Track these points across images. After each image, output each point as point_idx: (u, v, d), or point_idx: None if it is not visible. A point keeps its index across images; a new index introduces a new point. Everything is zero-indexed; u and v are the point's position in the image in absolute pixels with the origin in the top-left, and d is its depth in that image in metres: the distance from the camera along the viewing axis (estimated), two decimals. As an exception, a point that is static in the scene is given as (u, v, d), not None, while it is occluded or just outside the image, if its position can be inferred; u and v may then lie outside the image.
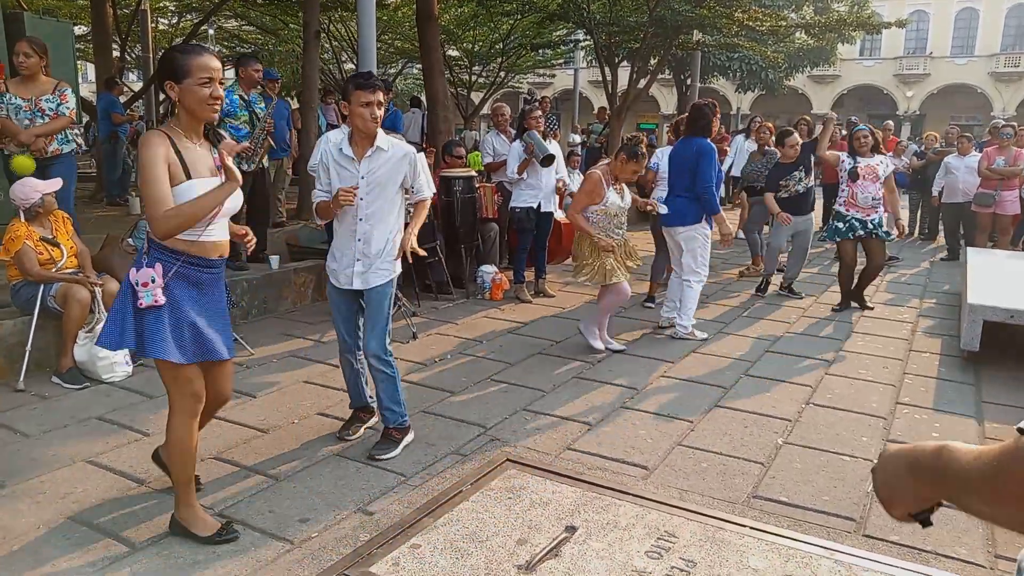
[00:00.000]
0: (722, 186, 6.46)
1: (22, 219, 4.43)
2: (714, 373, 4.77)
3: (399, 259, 3.53)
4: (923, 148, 11.39)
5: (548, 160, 6.35)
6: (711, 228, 5.65)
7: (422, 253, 3.61)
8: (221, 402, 2.98)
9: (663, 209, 5.55)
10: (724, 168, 9.42)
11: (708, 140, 5.54)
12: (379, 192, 3.40)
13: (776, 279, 7.27)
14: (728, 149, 10.23)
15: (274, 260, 6.12)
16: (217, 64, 2.53)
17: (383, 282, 3.48)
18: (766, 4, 13.61)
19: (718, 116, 5.65)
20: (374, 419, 3.79)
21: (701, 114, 5.57)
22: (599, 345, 5.18)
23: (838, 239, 6.54)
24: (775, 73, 23.38)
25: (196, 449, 2.79)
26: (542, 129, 6.46)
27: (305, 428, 3.83)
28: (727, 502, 3.15)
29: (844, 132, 10.10)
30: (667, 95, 34.62)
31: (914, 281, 7.99)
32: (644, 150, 5.00)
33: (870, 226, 6.34)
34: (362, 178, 3.36)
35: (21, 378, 4.28)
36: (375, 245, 3.43)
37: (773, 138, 7.91)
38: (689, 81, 18.03)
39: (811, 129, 10.18)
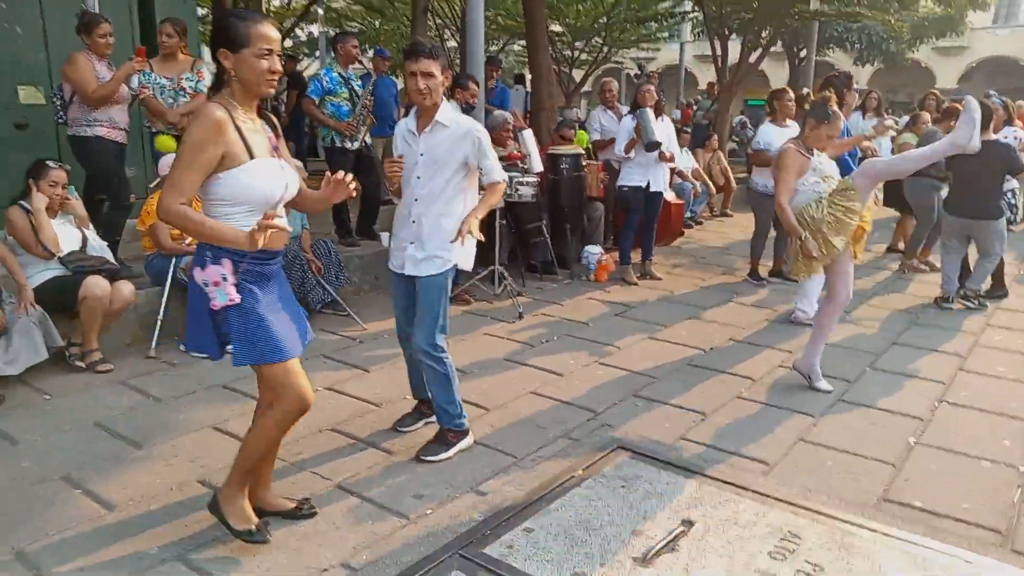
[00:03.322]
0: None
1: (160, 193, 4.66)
2: (836, 364, 4.52)
3: (463, 245, 3.15)
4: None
5: (652, 146, 6.12)
6: None
7: (481, 239, 3.17)
8: None
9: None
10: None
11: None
12: (436, 171, 3.15)
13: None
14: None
15: (384, 236, 6.21)
16: (277, 35, 2.32)
17: (436, 272, 3.19)
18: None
19: (850, 89, 5.39)
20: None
21: (830, 87, 5.32)
22: (827, 386, 4.15)
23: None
24: (897, 44, 21.94)
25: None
26: (653, 104, 6.25)
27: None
28: (855, 504, 2.98)
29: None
30: (778, 69, 33.14)
31: (1056, 271, 7.36)
32: (836, 108, 4.26)
33: None
34: (421, 155, 3.15)
35: (153, 345, 4.53)
36: (429, 229, 3.17)
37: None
38: (803, 54, 17.14)
39: (939, 104, 9.50)
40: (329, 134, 5.99)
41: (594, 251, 6.70)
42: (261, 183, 2.32)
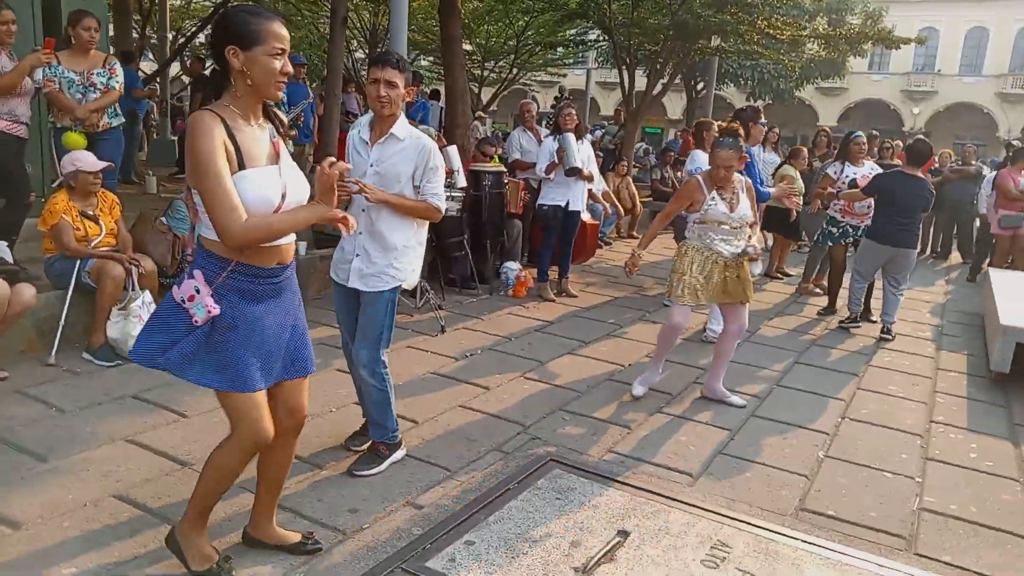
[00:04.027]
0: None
1: (64, 192, 4.39)
2: (747, 382, 4.76)
3: (409, 266, 3.14)
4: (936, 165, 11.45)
5: (572, 172, 6.29)
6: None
7: (368, 195, 2.98)
8: (299, 420, 2.52)
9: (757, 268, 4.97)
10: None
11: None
12: (386, 184, 3.06)
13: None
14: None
15: (301, 246, 6.07)
16: (287, 34, 2.15)
17: (385, 288, 3.13)
18: (782, 13, 13.61)
19: (758, 122, 5.69)
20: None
21: (738, 120, 5.65)
22: (740, 401, 4.36)
23: (831, 244, 6.84)
24: (786, 83, 23.41)
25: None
26: (575, 128, 6.41)
27: (343, 417, 3.80)
28: (776, 513, 3.14)
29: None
30: (675, 100, 34.59)
31: (932, 300, 8.01)
32: (733, 140, 4.25)
33: (861, 231, 6.61)
34: (371, 166, 3.07)
35: (53, 352, 4.24)
36: (378, 243, 3.10)
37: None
38: (700, 87, 18.00)
39: (830, 140, 10.21)
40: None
41: (513, 267, 6.77)
42: (255, 193, 2.11)
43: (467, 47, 18.44)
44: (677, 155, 12.91)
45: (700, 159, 6.51)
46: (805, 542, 2.91)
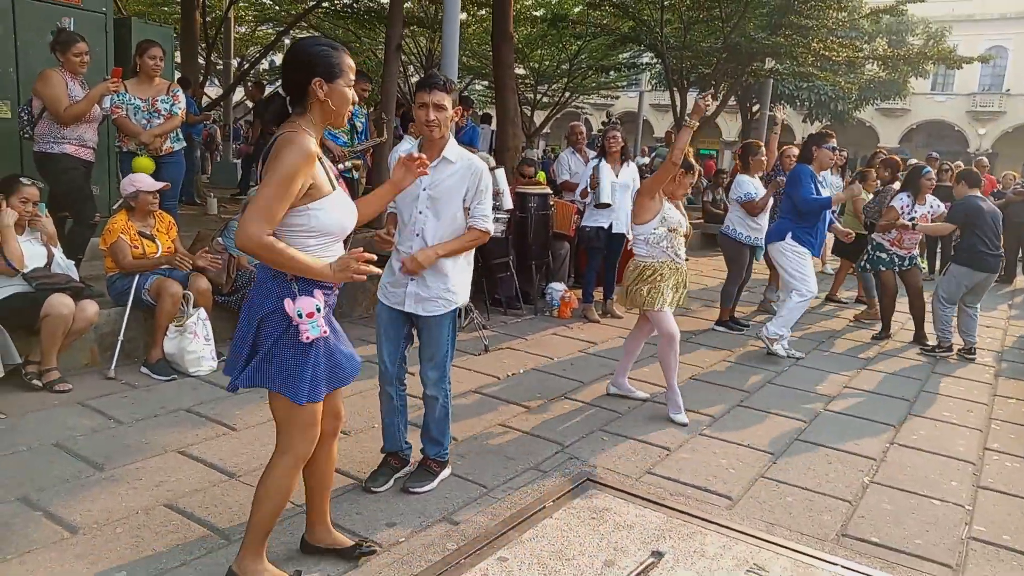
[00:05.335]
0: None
1: (124, 213, 4.62)
2: (792, 406, 4.68)
3: (464, 287, 3.19)
4: (1001, 187, 11.10)
5: (600, 206, 6.33)
6: (808, 249, 5.77)
7: (415, 273, 3.08)
8: (340, 423, 2.63)
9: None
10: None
11: (806, 165, 5.80)
12: (441, 207, 3.07)
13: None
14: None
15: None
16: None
17: (443, 312, 3.17)
18: (840, 35, 13.43)
19: (823, 146, 5.74)
20: (406, 470, 3.41)
21: (805, 144, 5.94)
22: (683, 418, 4.28)
23: (882, 268, 6.68)
24: (844, 104, 23.00)
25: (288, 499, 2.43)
26: (619, 150, 6.45)
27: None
28: (816, 539, 3.08)
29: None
30: (730, 122, 34.29)
31: (993, 324, 7.74)
32: (691, 161, 4.48)
33: (907, 261, 6.62)
34: (424, 189, 3.04)
35: (112, 366, 4.44)
36: (432, 267, 3.09)
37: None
38: (757, 108, 17.84)
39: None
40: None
41: (558, 288, 6.81)
42: (344, 213, 2.30)
43: (520, 71, 18.67)
44: (730, 177, 12.79)
45: (747, 184, 6.47)
46: (845, 567, 2.85)
